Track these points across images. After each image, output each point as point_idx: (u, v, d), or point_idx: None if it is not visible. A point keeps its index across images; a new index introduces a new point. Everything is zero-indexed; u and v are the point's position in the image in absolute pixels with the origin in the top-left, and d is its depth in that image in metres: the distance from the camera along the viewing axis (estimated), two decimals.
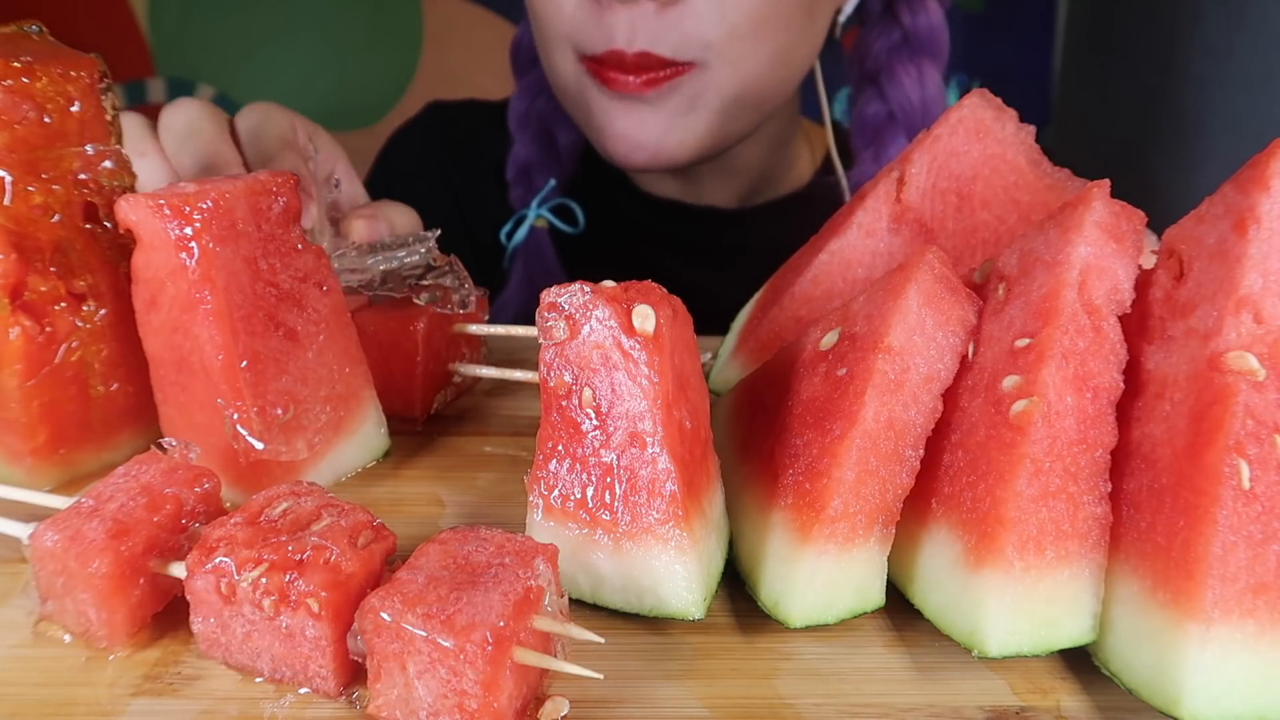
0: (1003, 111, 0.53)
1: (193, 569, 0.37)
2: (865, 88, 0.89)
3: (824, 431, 0.41)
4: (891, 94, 0.87)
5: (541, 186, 0.93)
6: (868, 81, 0.89)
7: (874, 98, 0.88)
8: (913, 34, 0.86)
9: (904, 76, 0.86)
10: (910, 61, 0.86)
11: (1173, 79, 1.32)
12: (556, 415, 0.41)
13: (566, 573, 0.40)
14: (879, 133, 0.88)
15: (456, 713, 0.33)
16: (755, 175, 0.94)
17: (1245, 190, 0.37)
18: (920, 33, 0.86)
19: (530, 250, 0.93)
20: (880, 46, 0.87)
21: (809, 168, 0.99)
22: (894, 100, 0.86)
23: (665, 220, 0.95)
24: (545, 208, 0.93)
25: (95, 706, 0.36)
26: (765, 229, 0.94)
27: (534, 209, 0.93)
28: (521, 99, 0.94)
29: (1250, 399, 0.35)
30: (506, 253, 0.94)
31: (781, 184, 0.97)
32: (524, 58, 0.95)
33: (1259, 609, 0.34)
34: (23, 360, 0.46)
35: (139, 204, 0.44)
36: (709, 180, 0.93)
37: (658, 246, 0.95)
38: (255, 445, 0.45)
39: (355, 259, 0.57)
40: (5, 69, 0.45)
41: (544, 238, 0.93)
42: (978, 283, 0.44)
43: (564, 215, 0.93)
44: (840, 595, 0.39)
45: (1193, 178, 1.29)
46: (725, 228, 0.94)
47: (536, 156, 0.94)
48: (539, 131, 0.93)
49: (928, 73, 0.87)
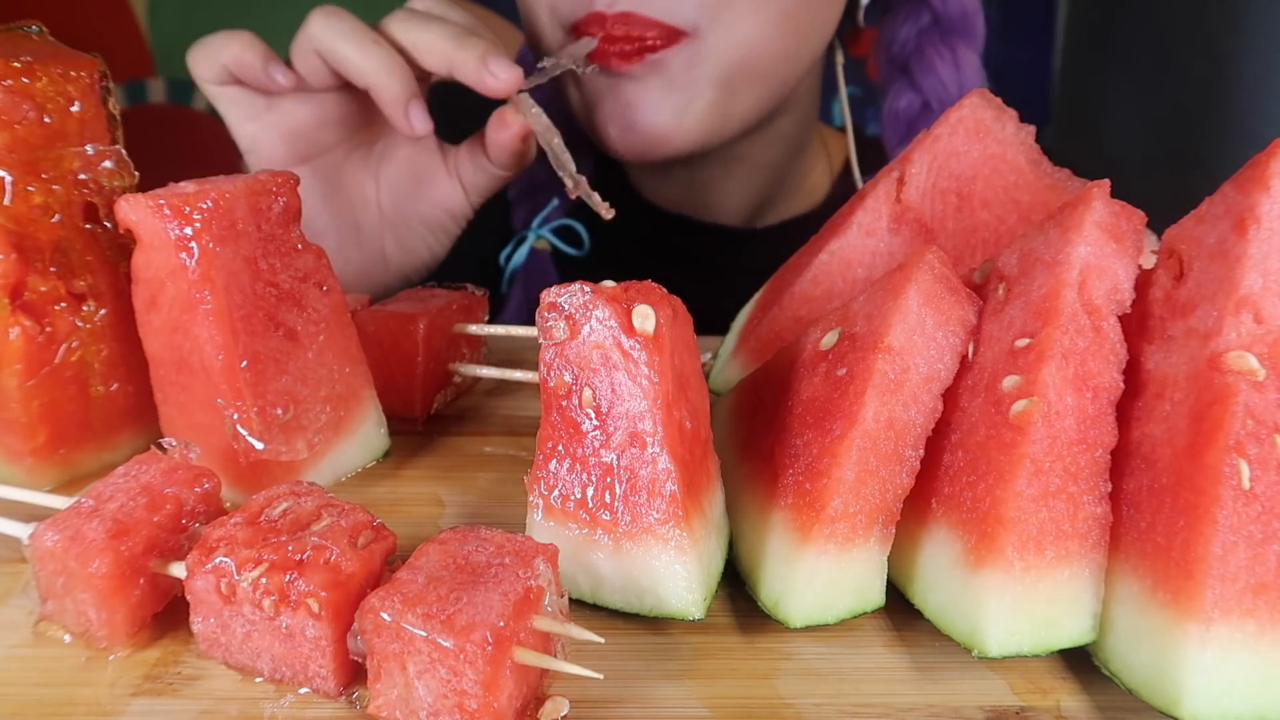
0: (1003, 111, 0.53)
1: (193, 569, 0.37)
2: (896, 79, 0.82)
3: (824, 431, 0.41)
4: (924, 82, 0.80)
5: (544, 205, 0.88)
6: (898, 71, 0.82)
7: (906, 89, 0.81)
8: (943, 15, 0.79)
9: (937, 60, 0.79)
10: (943, 44, 0.79)
11: (1173, 79, 1.32)
12: (556, 415, 0.41)
13: (566, 573, 0.40)
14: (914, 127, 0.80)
15: (456, 713, 0.33)
16: (768, 180, 0.88)
17: (1245, 190, 0.37)
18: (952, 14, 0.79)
19: (530, 273, 0.88)
20: (909, 32, 0.80)
21: (826, 178, 0.93)
22: (927, 88, 0.79)
23: (674, 238, 0.90)
24: (547, 228, 0.87)
25: (95, 706, 0.36)
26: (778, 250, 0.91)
27: (534, 230, 0.87)
28: None
29: (1250, 399, 0.35)
30: (505, 275, 0.89)
31: (796, 196, 0.91)
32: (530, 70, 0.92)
33: (1259, 609, 0.34)
34: (23, 360, 0.46)
35: (139, 204, 0.44)
36: (718, 182, 0.87)
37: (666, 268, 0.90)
38: (255, 445, 0.45)
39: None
40: (5, 69, 0.45)
41: (545, 261, 0.88)
42: (978, 283, 0.44)
43: (567, 237, 0.87)
44: (840, 595, 0.39)
45: (1193, 178, 1.29)
46: (737, 247, 0.89)
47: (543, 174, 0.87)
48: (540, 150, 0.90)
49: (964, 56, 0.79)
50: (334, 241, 0.70)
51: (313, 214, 0.68)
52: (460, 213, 0.73)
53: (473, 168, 0.70)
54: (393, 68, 0.61)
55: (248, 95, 0.64)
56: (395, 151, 0.72)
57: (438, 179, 0.71)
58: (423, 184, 0.72)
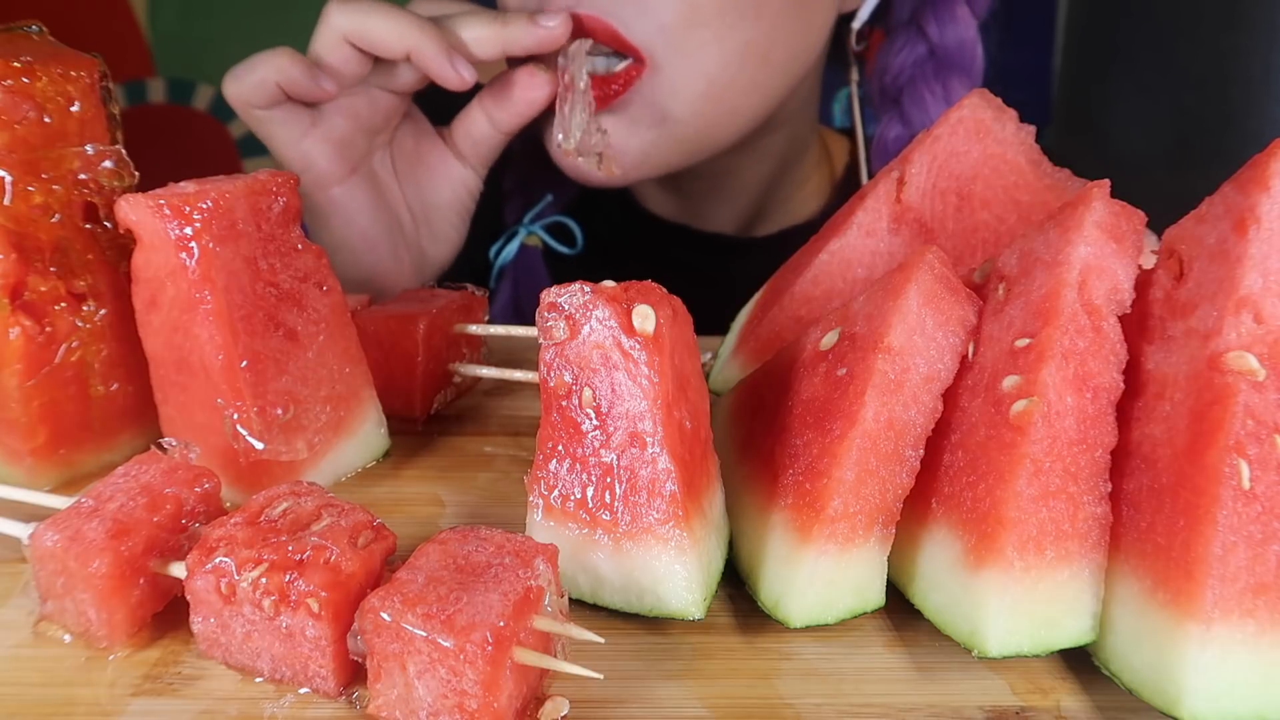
0: (1003, 111, 0.53)
1: (193, 569, 0.37)
2: (887, 109, 0.81)
3: (824, 431, 0.41)
4: (914, 116, 0.78)
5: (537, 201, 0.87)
6: (890, 103, 0.80)
7: (895, 120, 0.79)
8: (940, 49, 0.77)
9: (928, 96, 0.77)
10: (935, 79, 0.78)
11: (1173, 79, 1.32)
12: (556, 415, 0.41)
13: (566, 573, 0.40)
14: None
15: (456, 713, 0.33)
16: (760, 193, 0.87)
17: (1245, 190, 0.37)
18: (949, 47, 0.77)
19: (520, 270, 0.87)
20: (903, 61, 0.78)
21: (826, 185, 0.91)
22: (917, 125, 0.77)
23: (668, 245, 0.89)
24: (539, 225, 0.86)
25: (95, 706, 0.36)
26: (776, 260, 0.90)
27: (525, 225, 0.86)
28: None
29: (1250, 399, 0.35)
30: (493, 270, 0.88)
31: (792, 204, 0.90)
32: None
33: (1259, 609, 0.34)
34: (23, 360, 0.46)
35: (139, 204, 0.44)
36: (708, 199, 0.87)
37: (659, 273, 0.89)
38: (255, 445, 0.45)
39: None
40: (5, 69, 0.45)
41: (536, 258, 0.88)
42: (978, 283, 0.44)
43: (560, 234, 0.86)
44: (840, 595, 0.39)
45: (1193, 178, 1.29)
46: (732, 257, 0.87)
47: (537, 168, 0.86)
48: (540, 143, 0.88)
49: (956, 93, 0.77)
50: (388, 248, 0.71)
51: (367, 225, 0.70)
52: (475, 187, 0.75)
53: (472, 141, 0.71)
54: (424, 25, 0.63)
55: (294, 113, 0.65)
56: (402, 146, 0.72)
57: (446, 161, 0.73)
58: (434, 170, 0.73)
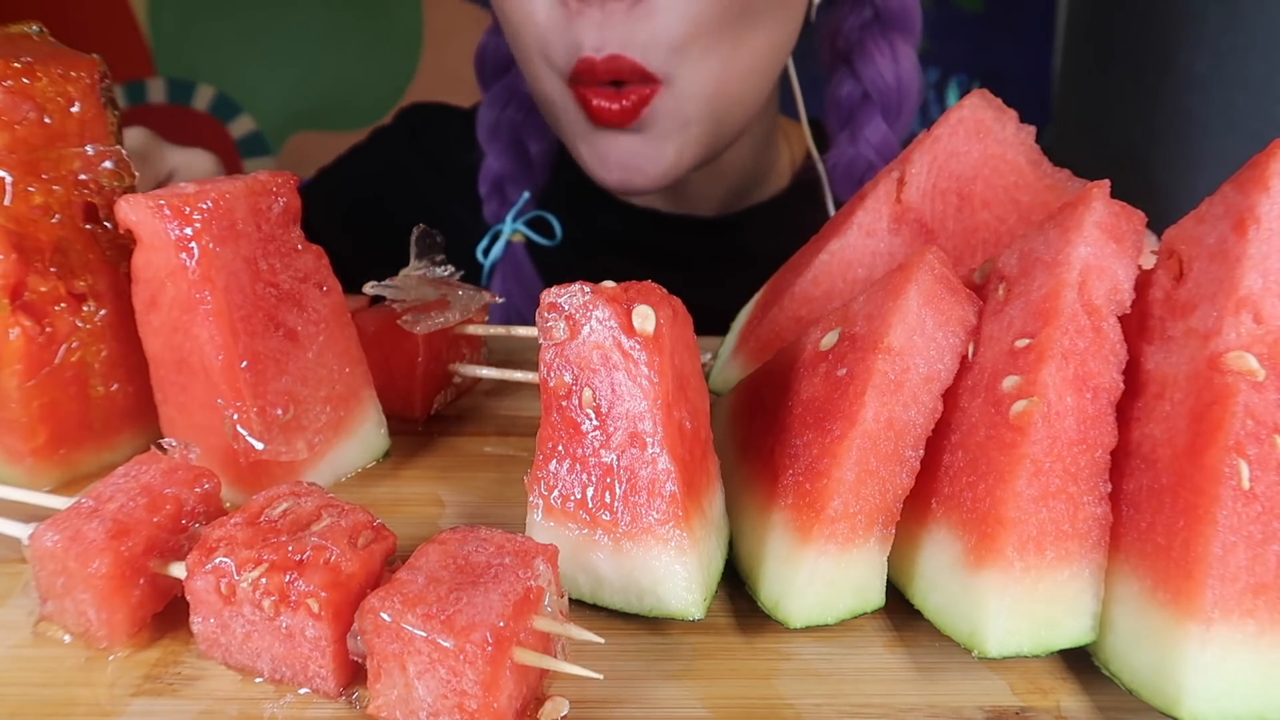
0: (1003, 111, 0.53)
1: (193, 569, 0.37)
2: (838, 68, 0.88)
3: (824, 431, 0.41)
4: (865, 73, 0.85)
5: (515, 199, 0.90)
6: (840, 61, 0.87)
7: (847, 77, 0.86)
8: (884, 10, 0.84)
9: (877, 54, 0.85)
10: (883, 38, 0.85)
11: (1173, 79, 1.32)
12: (556, 415, 0.41)
13: (566, 573, 0.40)
14: (854, 114, 0.86)
15: (456, 713, 0.33)
16: (742, 177, 0.92)
17: (1245, 190, 0.37)
18: (892, 8, 0.84)
19: (508, 266, 0.90)
20: (851, 24, 0.85)
21: (789, 166, 0.97)
22: (867, 79, 0.85)
23: (645, 231, 0.93)
24: (520, 221, 0.89)
25: (95, 706, 0.36)
26: (749, 235, 0.92)
27: (509, 223, 0.89)
28: (490, 109, 0.91)
29: (1250, 399, 0.35)
30: (484, 270, 0.91)
31: (765, 185, 0.95)
32: (489, 66, 0.91)
33: (1259, 609, 0.34)
34: (23, 360, 0.46)
35: (139, 204, 0.44)
36: (696, 185, 0.90)
37: (639, 258, 0.92)
38: (255, 445, 0.45)
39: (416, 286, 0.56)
40: (5, 69, 0.45)
41: (522, 253, 0.90)
42: (978, 283, 0.44)
43: (539, 228, 0.90)
44: (840, 595, 0.39)
45: (1193, 178, 1.29)
46: (708, 236, 0.92)
47: (509, 168, 0.91)
48: (510, 142, 0.90)
49: (901, 50, 0.85)
50: None
51: None
52: None
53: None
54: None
55: None
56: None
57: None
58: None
